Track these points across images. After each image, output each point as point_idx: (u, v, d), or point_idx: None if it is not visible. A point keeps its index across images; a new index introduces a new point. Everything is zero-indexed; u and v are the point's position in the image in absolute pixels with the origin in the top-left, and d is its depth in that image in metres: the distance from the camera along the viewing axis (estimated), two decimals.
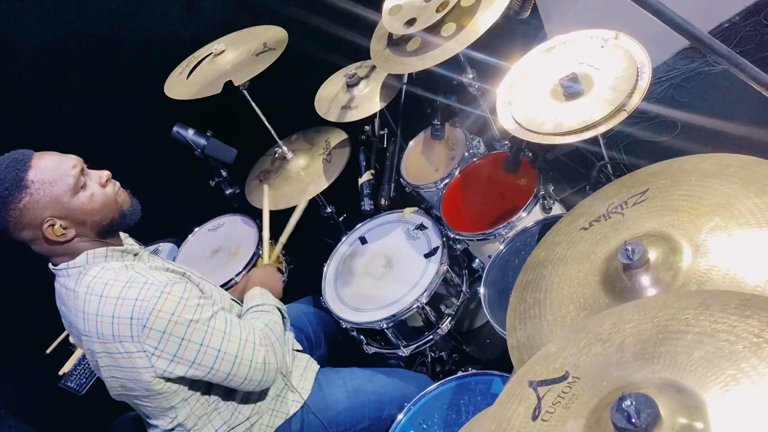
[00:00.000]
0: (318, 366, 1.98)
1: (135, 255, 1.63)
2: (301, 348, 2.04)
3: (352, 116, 2.44)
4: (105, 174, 1.58)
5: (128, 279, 1.48)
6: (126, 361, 1.49)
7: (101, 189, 1.55)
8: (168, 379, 1.54)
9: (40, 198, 1.45)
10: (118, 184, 1.62)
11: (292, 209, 2.49)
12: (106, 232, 1.58)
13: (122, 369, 1.51)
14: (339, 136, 2.68)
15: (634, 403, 0.83)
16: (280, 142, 2.65)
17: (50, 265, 1.58)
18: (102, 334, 1.47)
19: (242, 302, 1.86)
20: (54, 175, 1.47)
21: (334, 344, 2.32)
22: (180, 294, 1.48)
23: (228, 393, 1.68)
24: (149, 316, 1.43)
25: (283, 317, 1.83)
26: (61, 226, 1.48)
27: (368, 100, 2.45)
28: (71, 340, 1.94)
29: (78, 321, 1.51)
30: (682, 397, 0.86)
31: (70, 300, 1.53)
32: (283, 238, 2.26)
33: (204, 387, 1.64)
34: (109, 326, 1.46)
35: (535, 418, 0.99)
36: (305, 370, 1.93)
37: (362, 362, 2.11)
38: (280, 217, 2.44)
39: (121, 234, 1.71)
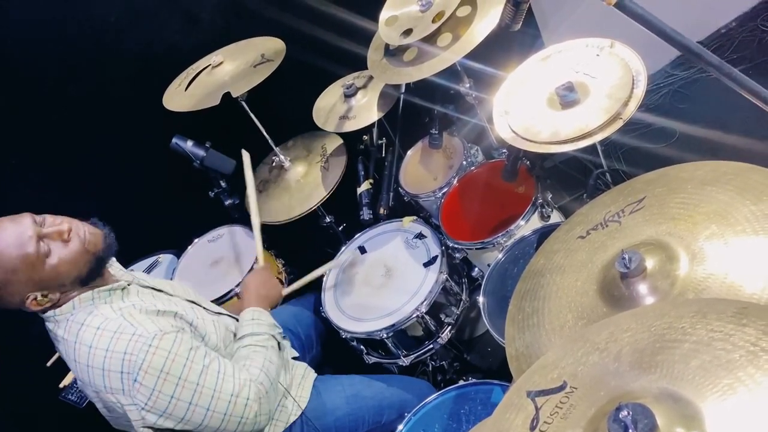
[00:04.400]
0: (315, 374, 1.98)
1: (123, 290, 1.58)
2: (297, 355, 2.04)
3: (351, 126, 2.45)
4: (65, 229, 1.46)
5: (117, 328, 1.45)
6: (119, 408, 1.48)
7: (65, 248, 1.46)
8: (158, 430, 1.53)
9: (11, 289, 1.41)
10: (81, 228, 1.51)
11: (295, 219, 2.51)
12: (88, 279, 1.52)
13: (116, 413, 1.52)
14: (335, 142, 2.68)
15: (630, 413, 0.83)
16: (276, 149, 2.65)
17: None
18: (94, 384, 1.46)
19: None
20: (14, 258, 1.38)
21: (328, 344, 2.31)
22: (169, 348, 1.45)
23: None
24: (139, 371, 1.41)
25: (279, 342, 1.80)
26: (42, 295, 1.44)
27: (366, 110, 2.46)
28: None
29: (71, 365, 1.51)
30: (679, 407, 0.86)
31: (60, 345, 1.52)
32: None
33: None
34: (100, 378, 1.44)
35: (533, 428, 0.99)
36: (303, 378, 1.93)
37: (362, 371, 2.11)
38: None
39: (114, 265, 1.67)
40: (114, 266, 1.67)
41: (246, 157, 2.29)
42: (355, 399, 1.91)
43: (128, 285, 1.62)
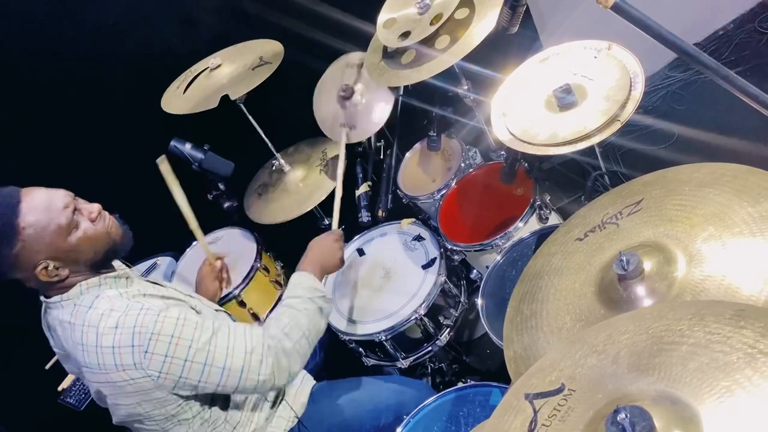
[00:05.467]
0: (313, 381, 1.98)
1: (127, 278, 1.60)
2: None
3: (357, 136, 2.43)
4: (95, 209, 1.54)
5: (124, 308, 1.46)
6: (131, 387, 1.46)
7: (92, 226, 1.51)
8: (177, 395, 1.52)
9: (33, 244, 1.41)
10: (108, 216, 1.58)
11: (290, 221, 2.50)
12: (99, 265, 1.55)
13: (128, 395, 1.49)
14: (336, 147, 2.67)
15: (628, 415, 0.83)
16: (277, 155, 2.66)
17: (42, 297, 1.56)
18: (104, 365, 1.45)
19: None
20: (46, 218, 1.43)
21: (331, 351, 2.31)
22: (177, 315, 1.46)
23: (226, 410, 1.67)
24: (149, 341, 1.42)
25: (322, 309, 1.74)
26: (54, 266, 1.45)
27: (367, 115, 2.44)
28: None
29: (77, 353, 1.49)
30: (677, 409, 0.86)
31: (66, 332, 1.51)
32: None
33: (205, 406, 1.62)
34: (110, 357, 1.43)
35: (531, 431, 0.99)
36: (300, 385, 1.92)
37: (361, 373, 2.11)
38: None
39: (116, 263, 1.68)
40: (117, 262, 1.69)
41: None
42: (351, 405, 1.90)
43: (131, 275, 1.64)
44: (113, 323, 1.44)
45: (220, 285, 2.14)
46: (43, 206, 1.43)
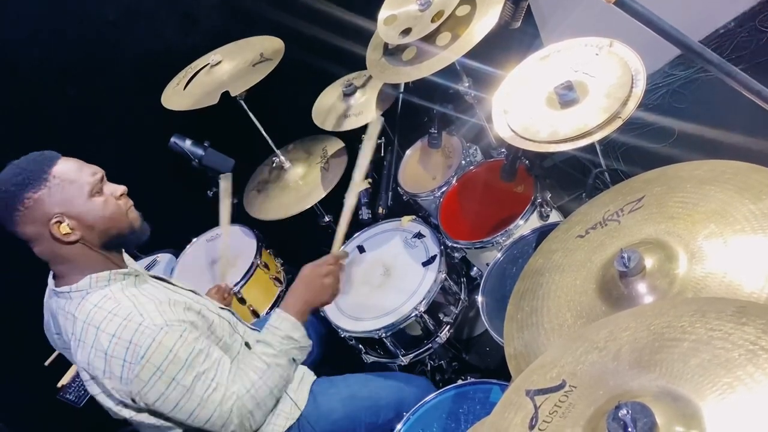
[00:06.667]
0: (314, 376, 1.97)
1: (137, 277, 1.61)
2: None
3: (351, 124, 2.44)
4: (120, 188, 1.60)
5: (126, 315, 1.47)
6: (113, 393, 1.50)
7: (115, 200, 1.57)
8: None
9: (56, 193, 1.46)
10: (131, 202, 1.64)
11: (290, 218, 2.50)
12: (111, 245, 1.58)
13: (110, 398, 1.53)
14: (336, 145, 2.68)
15: (630, 411, 0.83)
16: (277, 151, 2.66)
17: (51, 283, 1.57)
18: (94, 366, 1.47)
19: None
20: (75, 175, 1.50)
21: (328, 344, 2.30)
22: (170, 346, 1.46)
23: None
24: (139, 364, 1.44)
25: (294, 360, 1.69)
26: (68, 225, 1.48)
27: (366, 109, 2.45)
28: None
29: (73, 346, 1.51)
30: (679, 405, 0.86)
31: (68, 323, 1.52)
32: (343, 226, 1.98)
33: None
34: (102, 361, 1.46)
35: (532, 427, 0.99)
36: (300, 382, 1.91)
37: (360, 371, 2.10)
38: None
39: (125, 257, 1.69)
40: (130, 262, 1.71)
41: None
42: (351, 400, 1.89)
43: (142, 274, 1.65)
44: (112, 330, 1.45)
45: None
46: (76, 167, 1.53)
